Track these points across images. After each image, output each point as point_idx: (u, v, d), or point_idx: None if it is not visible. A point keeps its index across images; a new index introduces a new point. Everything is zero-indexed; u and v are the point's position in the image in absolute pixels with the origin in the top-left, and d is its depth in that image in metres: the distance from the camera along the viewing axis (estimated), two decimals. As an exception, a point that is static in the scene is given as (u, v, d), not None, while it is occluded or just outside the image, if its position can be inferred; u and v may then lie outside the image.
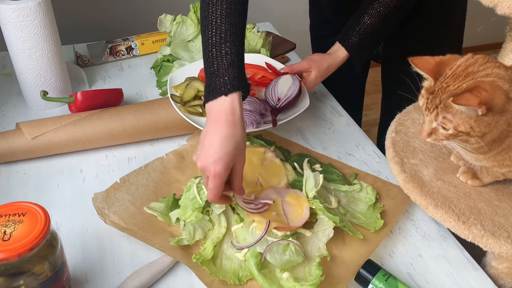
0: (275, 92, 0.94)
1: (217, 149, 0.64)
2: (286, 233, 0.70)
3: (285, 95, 0.93)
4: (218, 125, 0.66)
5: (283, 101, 0.93)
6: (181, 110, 0.91)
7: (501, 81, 0.58)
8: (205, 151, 0.65)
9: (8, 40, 0.97)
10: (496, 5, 0.62)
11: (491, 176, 0.71)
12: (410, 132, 0.82)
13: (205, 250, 0.70)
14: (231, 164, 0.66)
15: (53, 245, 0.58)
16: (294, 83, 0.94)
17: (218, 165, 0.64)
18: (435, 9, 1.05)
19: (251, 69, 1.03)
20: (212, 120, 0.67)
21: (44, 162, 0.89)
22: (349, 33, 0.96)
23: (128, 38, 1.27)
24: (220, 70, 0.68)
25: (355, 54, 0.97)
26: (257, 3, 2.17)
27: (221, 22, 0.69)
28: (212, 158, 0.64)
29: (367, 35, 0.95)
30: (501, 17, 0.64)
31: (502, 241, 0.64)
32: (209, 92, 0.68)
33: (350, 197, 0.81)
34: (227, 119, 0.65)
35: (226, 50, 0.68)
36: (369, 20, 0.93)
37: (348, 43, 0.96)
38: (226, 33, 0.69)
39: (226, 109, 0.66)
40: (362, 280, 0.66)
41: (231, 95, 0.66)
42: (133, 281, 0.65)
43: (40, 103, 1.03)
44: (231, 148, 0.64)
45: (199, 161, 0.66)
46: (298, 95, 0.94)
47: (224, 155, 0.64)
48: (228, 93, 0.66)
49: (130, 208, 0.76)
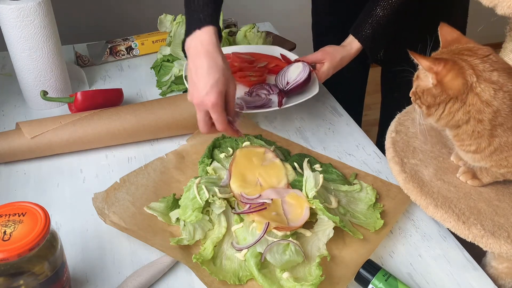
0: (285, 77, 0.98)
1: (206, 81, 0.68)
2: (286, 233, 0.70)
3: (294, 79, 0.96)
4: (198, 58, 0.69)
5: (291, 84, 0.96)
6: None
7: (471, 72, 0.60)
8: (196, 87, 0.69)
9: (8, 40, 0.97)
10: (496, 5, 0.62)
11: (491, 177, 0.71)
12: (410, 132, 0.82)
13: (205, 250, 0.70)
14: (224, 91, 0.69)
15: (53, 245, 0.58)
16: (304, 69, 0.96)
17: (212, 95, 0.68)
18: (436, 11, 1.06)
19: (265, 59, 1.08)
20: (192, 55, 0.71)
21: (44, 162, 0.89)
22: (362, 25, 0.96)
23: (128, 38, 1.27)
24: (196, 9, 0.72)
25: (368, 46, 0.97)
26: (257, 3, 2.18)
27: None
28: (204, 90, 0.68)
29: (380, 27, 0.95)
30: (501, 17, 0.64)
31: (502, 241, 0.64)
32: (186, 31, 0.73)
33: (350, 197, 0.81)
34: (205, 50, 0.69)
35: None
36: (382, 12, 0.94)
37: (361, 35, 0.96)
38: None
39: (202, 41, 0.70)
40: (362, 280, 0.66)
41: (206, 28, 0.70)
42: (133, 281, 0.65)
43: (40, 103, 1.03)
44: (218, 75, 0.68)
45: (193, 99, 0.69)
46: (307, 80, 0.96)
47: (214, 84, 0.67)
48: (201, 26, 0.70)
49: (130, 208, 0.76)
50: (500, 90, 0.60)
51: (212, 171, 0.82)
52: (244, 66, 1.04)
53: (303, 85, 0.96)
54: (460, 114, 0.62)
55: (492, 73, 0.60)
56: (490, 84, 0.60)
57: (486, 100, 0.60)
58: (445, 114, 0.63)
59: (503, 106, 0.60)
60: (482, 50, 0.63)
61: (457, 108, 0.62)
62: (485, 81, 0.60)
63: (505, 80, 0.60)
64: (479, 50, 0.63)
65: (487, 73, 0.60)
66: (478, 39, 0.65)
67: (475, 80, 0.60)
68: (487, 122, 0.61)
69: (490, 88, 0.60)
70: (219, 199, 0.73)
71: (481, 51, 0.62)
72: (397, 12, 0.94)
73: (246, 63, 1.05)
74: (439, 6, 1.06)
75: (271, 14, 2.03)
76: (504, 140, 0.62)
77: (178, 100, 0.95)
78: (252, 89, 0.99)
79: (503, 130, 0.61)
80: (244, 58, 1.06)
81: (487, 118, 0.61)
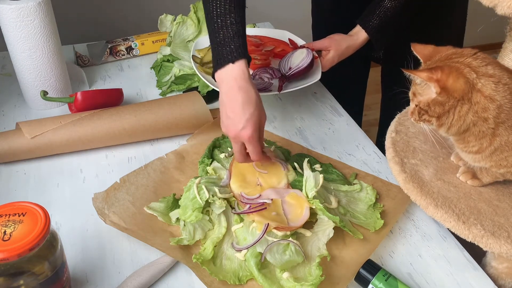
0: (288, 62, 0.99)
1: (241, 115, 0.69)
2: (286, 233, 0.70)
3: (296, 65, 0.97)
4: (232, 92, 0.70)
5: (293, 70, 0.97)
6: (199, 69, 0.98)
7: (468, 70, 0.60)
8: (231, 120, 0.70)
9: (8, 40, 0.97)
10: (496, 5, 0.63)
11: (491, 177, 0.71)
12: (410, 132, 0.82)
13: (205, 250, 0.70)
14: (258, 124, 0.71)
15: (53, 245, 0.58)
16: (308, 55, 0.97)
17: (248, 129, 0.69)
18: (436, 12, 1.06)
19: (273, 43, 1.10)
20: (225, 89, 0.71)
21: (44, 162, 0.89)
22: (369, 15, 0.97)
23: (128, 38, 1.27)
24: (226, 40, 0.72)
25: (375, 37, 0.98)
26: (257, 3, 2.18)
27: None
28: (240, 125, 0.69)
29: (387, 18, 0.96)
30: (501, 17, 0.64)
31: (502, 241, 0.64)
32: (217, 62, 0.72)
33: (350, 197, 0.81)
34: (239, 85, 0.70)
35: (231, 20, 0.72)
36: (389, 4, 0.95)
37: (368, 26, 0.97)
38: (230, 4, 0.72)
39: (236, 76, 0.70)
40: (362, 280, 0.66)
41: (239, 62, 0.70)
42: (133, 281, 0.65)
43: (40, 103, 1.03)
44: (252, 110, 0.69)
45: (229, 132, 0.71)
46: (309, 67, 0.97)
47: (249, 118, 0.69)
48: (235, 60, 0.70)
49: (130, 208, 0.76)
50: (499, 82, 0.60)
51: (212, 171, 0.82)
52: (251, 49, 1.04)
53: (305, 71, 0.96)
54: (470, 116, 0.62)
55: (487, 67, 0.61)
56: (489, 78, 0.61)
57: (489, 95, 0.60)
58: (455, 119, 0.63)
59: (505, 100, 0.60)
60: (467, 51, 0.64)
61: (466, 110, 0.61)
62: (484, 76, 0.61)
63: (500, 72, 0.61)
64: (464, 51, 0.64)
65: (482, 68, 0.61)
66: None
67: (475, 76, 0.60)
68: (491, 120, 0.61)
69: (490, 82, 0.60)
70: (219, 199, 0.73)
71: (467, 51, 0.64)
72: (404, 4, 0.95)
73: (253, 46, 1.06)
74: (440, 6, 1.06)
75: (271, 14, 2.03)
76: (505, 140, 0.62)
77: (178, 100, 0.95)
78: (256, 72, 1.00)
79: (505, 129, 0.62)
80: (251, 41, 1.07)
81: (491, 115, 0.61)
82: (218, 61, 0.72)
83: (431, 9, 1.06)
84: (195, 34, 1.15)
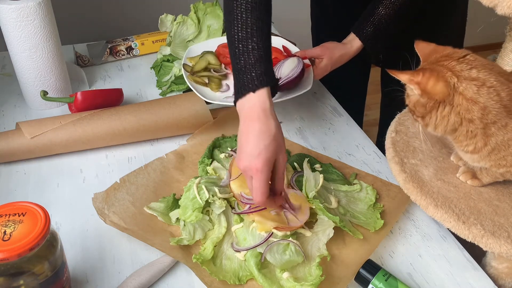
0: (279, 72, 0.97)
1: (255, 145, 0.63)
2: (286, 233, 0.70)
3: (286, 75, 0.95)
4: (250, 122, 0.65)
5: (283, 80, 0.94)
6: (189, 79, 0.97)
7: (450, 74, 0.61)
8: (243, 150, 0.64)
9: (8, 40, 0.97)
10: (496, 5, 0.62)
11: (491, 177, 0.71)
12: (410, 132, 0.82)
13: (205, 250, 0.70)
14: (272, 159, 0.64)
15: (53, 245, 0.58)
16: (298, 65, 0.95)
17: (259, 160, 0.62)
18: (436, 14, 1.06)
19: None
20: (244, 119, 0.66)
21: (44, 162, 0.89)
22: (363, 23, 0.96)
23: (128, 38, 1.27)
24: (247, 66, 0.67)
25: (369, 44, 0.97)
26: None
27: (247, 17, 0.68)
28: (251, 155, 0.63)
29: (381, 26, 0.95)
30: (501, 17, 0.64)
31: (502, 241, 0.64)
32: (237, 90, 0.68)
33: (350, 197, 0.81)
34: (259, 115, 0.65)
35: (252, 45, 0.68)
36: (384, 11, 0.94)
37: (362, 33, 0.96)
38: (252, 27, 0.68)
39: (255, 106, 0.65)
40: (362, 280, 0.66)
41: (260, 91, 0.66)
42: (133, 281, 0.65)
43: (40, 103, 1.03)
44: (268, 141, 0.63)
45: (240, 162, 0.65)
46: (299, 77, 0.95)
47: (262, 149, 0.63)
48: (256, 89, 0.66)
49: (130, 208, 0.76)
50: (483, 86, 0.61)
51: (212, 171, 0.82)
52: None
53: (295, 81, 0.95)
54: (453, 117, 0.63)
55: (471, 71, 0.61)
56: (471, 81, 0.61)
57: (471, 98, 0.61)
58: (438, 120, 0.64)
59: (491, 102, 0.60)
60: (457, 53, 0.64)
61: (448, 111, 0.63)
62: (466, 80, 0.61)
63: (487, 75, 0.61)
64: (454, 53, 0.64)
65: (466, 72, 0.61)
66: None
67: (456, 80, 0.61)
68: (478, 121, 0.62)
69: (472, 85, 0.61)
70: (219, 199, 0.73)
71: (457, 54, 0.64)
72: (399, 12, 0.94)
73: None
74: (439, 9, 1.06)
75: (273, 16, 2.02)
76: (501, 139, 0.62)
77: (178, 100, 0.95)
78: None
79: (498, 128, 0.62)
80: None
81: (476, 116, 0.61)
82: (239, 89, 0.67)
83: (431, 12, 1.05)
84: (195, 34, 1.15)
